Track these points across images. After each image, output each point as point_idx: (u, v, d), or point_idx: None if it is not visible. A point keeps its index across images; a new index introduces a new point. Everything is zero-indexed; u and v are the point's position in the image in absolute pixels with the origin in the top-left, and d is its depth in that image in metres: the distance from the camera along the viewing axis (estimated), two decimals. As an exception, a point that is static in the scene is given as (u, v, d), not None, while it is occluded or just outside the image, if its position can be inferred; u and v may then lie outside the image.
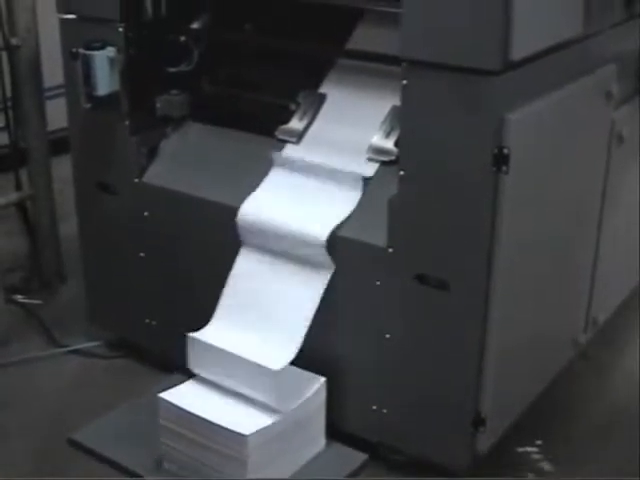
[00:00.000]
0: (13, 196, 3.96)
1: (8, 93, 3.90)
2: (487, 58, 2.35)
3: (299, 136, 3.00)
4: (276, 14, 3.12)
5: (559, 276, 3.02)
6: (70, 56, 3.05)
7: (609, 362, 3.56)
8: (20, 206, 4.00)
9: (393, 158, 2.76)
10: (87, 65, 3.02)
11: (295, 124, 3.03)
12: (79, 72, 3.04)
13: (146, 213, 3.23)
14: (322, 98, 3.03)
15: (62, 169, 3.49)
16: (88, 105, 3.08)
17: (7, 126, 3.94)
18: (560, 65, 2.68)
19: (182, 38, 3.19)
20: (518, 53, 2.36)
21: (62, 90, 3.33)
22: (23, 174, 3.97)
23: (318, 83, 3.07)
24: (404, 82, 2.51)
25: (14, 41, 3.72)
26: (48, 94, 3.92)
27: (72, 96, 3.19)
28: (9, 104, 3.91)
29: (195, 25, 3.20)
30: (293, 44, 3.06)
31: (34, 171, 3.92)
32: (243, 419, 2.72)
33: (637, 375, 3.43)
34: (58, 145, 3.93)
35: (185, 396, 2.81)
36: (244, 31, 3.20)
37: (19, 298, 3.88)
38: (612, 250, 3.32)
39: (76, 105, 3.14)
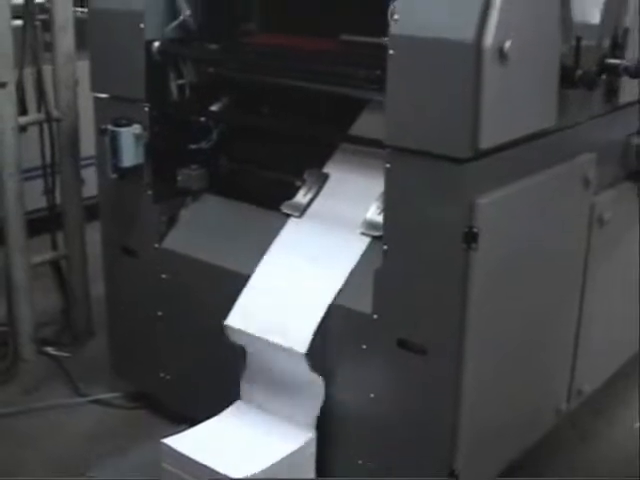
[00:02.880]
0: (49, 255, 4.30)
1: (48, 160, 4.23)
2: (457, 147, 2.64)
3: (302, 210, 3.30)
4: (288, 99, 3.43)
5: (538, 347, 3.25)
6: (99, 132, 3.40)
7: (596, 431, 3.76)
8: (55, 265, 4.34)
9: (382, 233, 3.04)
10: (114, 140, 3.36)
11: (299, 199, 3.33)
12: (107, 146, 3.38)
13: (164, 275, 3.54)
14: (325, 177, 3.34)
15: (96, 233, 3.83)
16: (114, 175, 3.42)
17: (46, 191, 4.29)
18: (534, 153, 2.96)
19: (202, 119, 3.51)
20: (486, 143, 2.65)
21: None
22: (59, 236, 4.31)
23: (323, 163, 3.37)
24: (387, 166, 2.80)
25: (56, 114, 4.09)
26: (85, 163, 4.27)
27: (101, 167, 3.54)
28: (49, 171, 4.25)
29: (215, 107, 3.53)
30: (302, 127, 3.36)
31: (69, 233, 4.27)
32: (240, 464, 2.99)
33: (624, 445, 3.63)
34: (93, 210, 4.25)
35: (187, 442, 3.09)
36: (260, 114, 3.52)
37: (50, 350, 4.21)
38: (596, 325, 3.55)
39: (105, 175, 3.48)
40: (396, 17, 2.68)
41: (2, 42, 3.72)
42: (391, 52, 2.69)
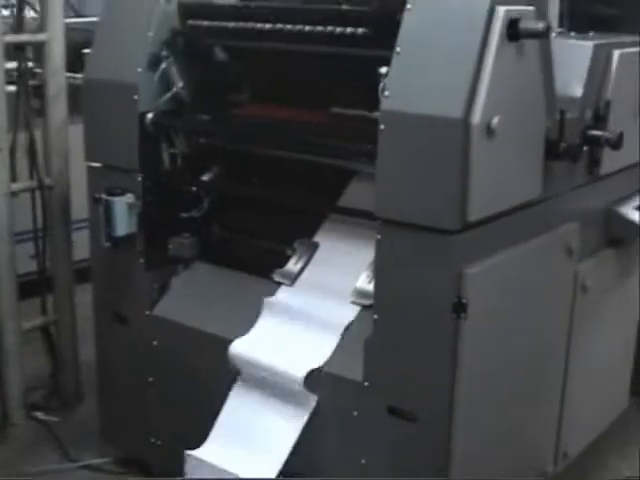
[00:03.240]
0: (39, 320, 4.34)
1: (39, 224, 4.29)
2: (446, 219, 2.72)
3: (293, 279, 3.36)
4: (279, 169, 3.51)
5: (525, 410, 3.32)
6: (93, 200, 3.46)
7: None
8: (44, 329, 4.37)
9: (372, 302, 3.10)
10: (108, 209, 3.43)
11: (290, 268, 3.39)
12: (101, 215, 3.44)
13: (155, 342, 3.58)
14: (315, 246, 3.40)
15: (87, 295, 3.87)
16: (108, 244, 3.47)
17: (37, 254, 4.33)
18: (520, 223, 3.04)
19: (194, 188, 3.59)
20: (474, 215, 2.73)
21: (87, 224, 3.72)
22: (49, 299, 4.34)
23: (313, 232, 3.44)
24: (378, 237, 2.88)
25: (48, 182, 4.15)
26: (75, 226, 4.32)
27: (95, 235, 3.59)
28: (39, 234, 4.31)
29: (206, 177, 3.60)
30: (291, 198, 3.44)
31: (59, 298, 4.31)
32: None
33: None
34: (84, 273, 4.26)
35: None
36: (250, 184, 3.60)
37: (39, 415, 4.22)
38: (581, 388, 3.62)
39: (98, 243, 3.54)
40: (387, 93, 2.78)
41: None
42: (382, 127, 2.78)
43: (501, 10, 2.68)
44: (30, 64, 4.21)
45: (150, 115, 3.44)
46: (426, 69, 2.74)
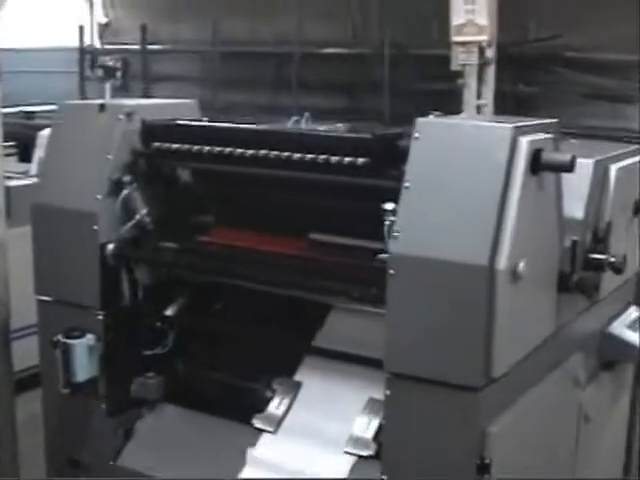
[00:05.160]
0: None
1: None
2: (469, 375, 2.44)
3: (277, 424, 3.03)
4: (250, 302, 3.19)
5: None
6: (50, 344, 3.08)
7: None
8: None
9: (372, 453, 2.79)
10: (67, 353, 3.06)
11: (272, 412, 3.06)
12: (59, 359, 3.07)
13: (122, 496, 3.21)
14: (298, 386, 3.08)
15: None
16: (66, 390, 3.10)
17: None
18: (535, 363, 2.76)
19: (157, 324, 3.23)
20: (500, 369, 2.46)
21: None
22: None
23: (293, 369, 3.12)
24: (387, 393, 2.58)
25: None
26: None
27: (48, 379, 3.21)
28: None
29: (169, 311, 3.26)
30: (264, 334, 3.13)
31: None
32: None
33: None
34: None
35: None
36: (219, 316, 3.26)
37: None
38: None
39: (52, 388, 3.15)
40: (396, 234, 2.49)
41: None
42: (391, 272, 2.49)
43: (524, 141, 2.43)
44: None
45: (111, 246, 3.10)
46: (441, 207, 2.47)
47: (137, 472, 3.15)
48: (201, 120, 3.26)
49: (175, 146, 3.07)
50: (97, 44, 13.48)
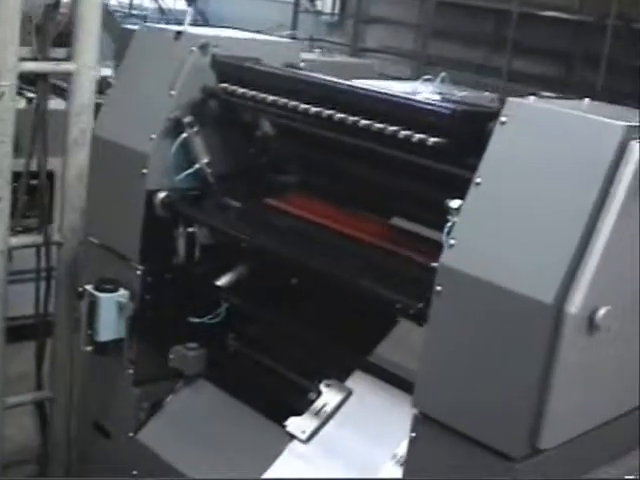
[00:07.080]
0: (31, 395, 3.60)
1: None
2: (509, 442, 1.88)
3: (310, 435, 2.56)
4: (317, 285, 2.71)
5: None
6: (76, 295, 2.71)
7: None
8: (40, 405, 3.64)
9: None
10: (92, 307, 2.69)
11: (309, 419, 2.59)
12: (83, 313, 2.70)
13: (135, 472, 2.83)
14: (347, 393, 2.60)
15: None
16: (88, 349, 2.73)
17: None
18: (598, 443, 2.13)
19: (212, 289, 2.80)
20: (549, 442, 1.89)
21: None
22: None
23: (348, 372, 2.63)
24: (412, 435, 2.05)
25: (56, 238, 3.42)
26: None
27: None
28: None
29: (227, 277, 2.80)
30: (328, 329, 2.66)
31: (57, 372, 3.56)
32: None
33: None
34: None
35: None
36: (284, 289, 2.79)
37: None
38: None
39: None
40: (453, 242, 1.94)
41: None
42: (439, 288, 1.95)
43: (637, 148, 1.82)
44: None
45: (161, 195, 2.68)
46: (514, 217, 1.90)
47: (154, 453, 2.76)
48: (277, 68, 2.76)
49: (244, 91, 2.59)
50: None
